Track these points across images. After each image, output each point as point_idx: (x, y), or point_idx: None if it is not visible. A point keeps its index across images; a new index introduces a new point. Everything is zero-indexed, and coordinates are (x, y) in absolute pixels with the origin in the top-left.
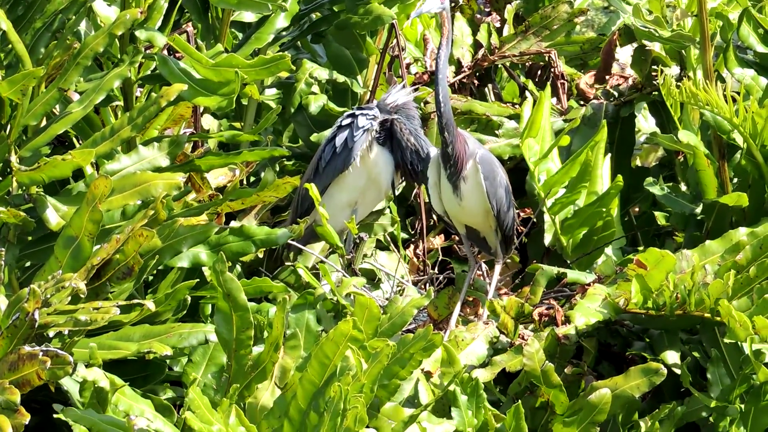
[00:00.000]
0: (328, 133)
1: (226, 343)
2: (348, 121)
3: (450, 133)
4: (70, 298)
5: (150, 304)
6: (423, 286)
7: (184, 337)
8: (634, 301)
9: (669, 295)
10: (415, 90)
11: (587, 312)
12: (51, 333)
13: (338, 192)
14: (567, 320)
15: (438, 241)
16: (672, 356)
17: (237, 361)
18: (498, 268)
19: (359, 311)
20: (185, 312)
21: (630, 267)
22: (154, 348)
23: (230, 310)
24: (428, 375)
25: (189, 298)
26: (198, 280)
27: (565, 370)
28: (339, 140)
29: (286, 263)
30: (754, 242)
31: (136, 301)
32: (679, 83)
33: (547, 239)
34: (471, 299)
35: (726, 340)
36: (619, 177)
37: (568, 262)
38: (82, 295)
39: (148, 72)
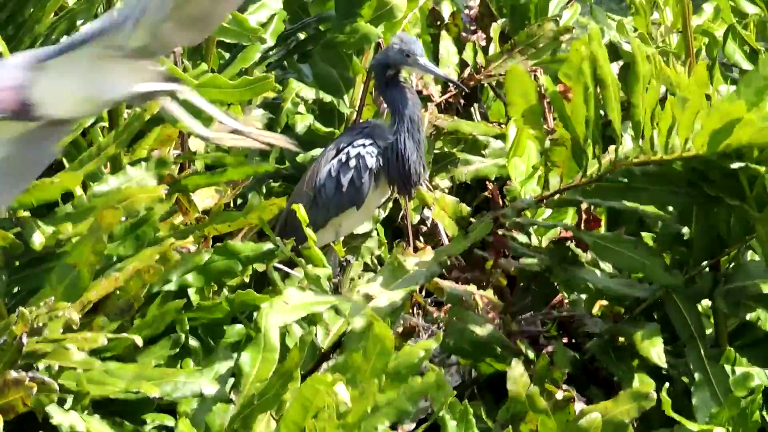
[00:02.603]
0: (318, 154)
1: None
2: (354, 162)
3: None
4: (62, 330)
5: (138, 340)
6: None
7: (179, 387)
8: None
9: None
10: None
11: None
12: (41, 365)
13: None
14: None
15: None
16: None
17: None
18: None
19: (372, 343)
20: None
21: None
22: (143, 389)
23: None
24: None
25: (183, 336)
26: (185, 300)
27: (555, 395)
28: (345, 180)
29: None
30: None
31: (124, 335)
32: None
33: None
34: None
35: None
36: None
37: None
38: (74, 327)
39: None
